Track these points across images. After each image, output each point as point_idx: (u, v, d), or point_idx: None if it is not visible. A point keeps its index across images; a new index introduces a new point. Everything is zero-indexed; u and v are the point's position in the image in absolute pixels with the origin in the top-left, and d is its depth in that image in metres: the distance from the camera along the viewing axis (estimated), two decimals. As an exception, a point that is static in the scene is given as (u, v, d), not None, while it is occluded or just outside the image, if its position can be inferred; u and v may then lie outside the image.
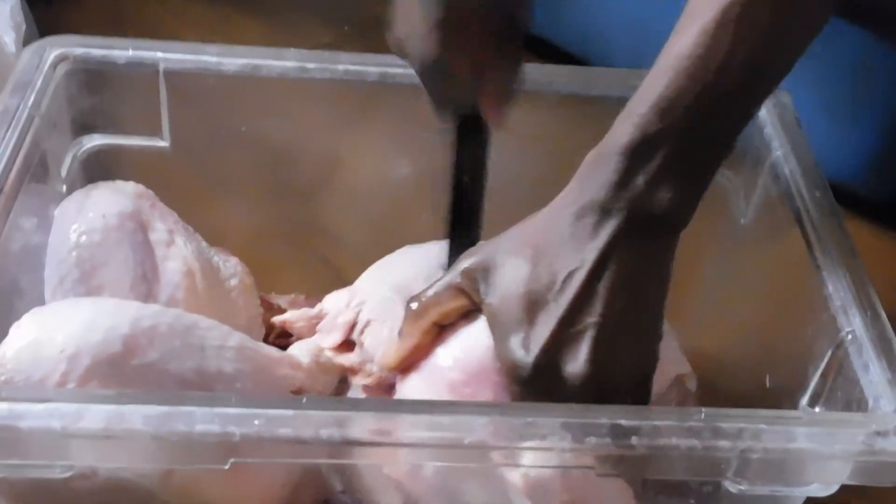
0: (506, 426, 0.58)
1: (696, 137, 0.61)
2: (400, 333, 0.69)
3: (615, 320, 0.62)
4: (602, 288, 0.62)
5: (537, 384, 0.63)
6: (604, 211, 0.62)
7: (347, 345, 0.73)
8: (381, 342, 0.71)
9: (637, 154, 0.61)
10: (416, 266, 0.76)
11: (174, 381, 0.62)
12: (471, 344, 0.67)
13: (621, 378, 0.63)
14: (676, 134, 0.61)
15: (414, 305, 0.68)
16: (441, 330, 0.68)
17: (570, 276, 0.62)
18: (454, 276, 0.67)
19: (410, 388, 0.68)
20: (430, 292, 0.68)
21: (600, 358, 0.62)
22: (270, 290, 0.87)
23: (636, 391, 0.64)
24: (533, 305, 0.63)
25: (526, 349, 0.62)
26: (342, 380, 0.74)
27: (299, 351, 0.73)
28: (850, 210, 1.10)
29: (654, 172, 0.61)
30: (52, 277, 0.72)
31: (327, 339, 0.73)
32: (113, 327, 0.61)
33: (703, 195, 0.64)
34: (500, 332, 0.64)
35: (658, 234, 0.63)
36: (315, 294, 0.82)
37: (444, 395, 0.66)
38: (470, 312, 0.67)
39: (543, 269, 0.63)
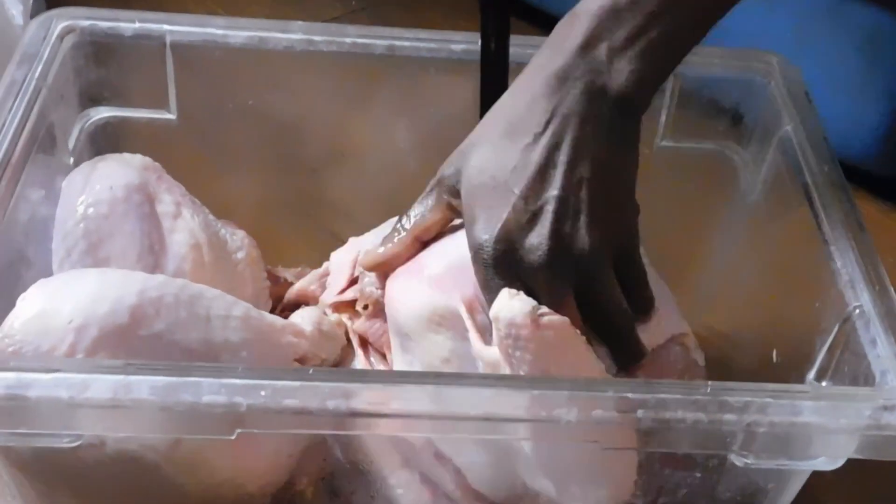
0: (511, 399, 0.58)
1: (664, 18, 0.62)
2: (383, 241, 0.70)
3: (577, 192, 0.62)
4: (561, 158, 0.62)
5: (500, 264, 0.62)
6: (562, 78, 0.62)
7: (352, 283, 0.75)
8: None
9: (603, 22, 0.62)
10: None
11: (181, 351, 0.62)
12: (452, 243, 0.68)
13: (598, 252, 0.62)
14: (644, 10, 0.62)
15: (401, 221, 0.69)
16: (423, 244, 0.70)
17: (527, 148, 0.62)
18: (433, 188, 0.68)
19: (395, 286, 0.69)
20: (414, 209, 0.69)
21: (564, 231, 0.61)
22: (277, 264, 0.87)
23: (621, 266, 0.64)
24: (498, 186, 0.63)
25: (488, 231, 0.62)
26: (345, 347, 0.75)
27: (301, 319, 0.73)
28: (858, 185, 1.10)
29: (617, 44, 0.62)
30: (60, 249, 0.72)
31: (334, 286, 0.74)
32: (120, 298, 0.61)
33: (662, 82, 0.66)
34: (469, 221, 0.64)
35: (618, 111, 0.63)
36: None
37: (425, 291, 0.67)
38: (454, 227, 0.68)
39: (507, 149, 0.63)
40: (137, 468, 0.62)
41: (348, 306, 0.75)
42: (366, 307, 0.73)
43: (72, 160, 0.78)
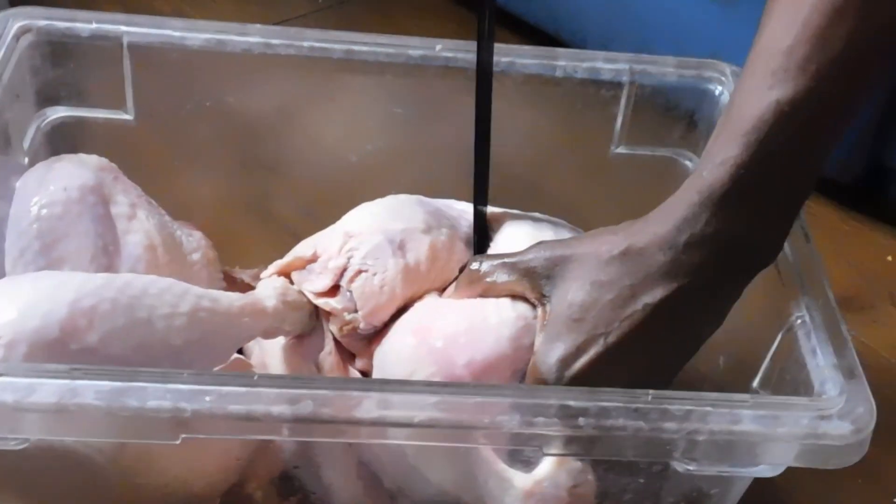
0: (455, 405, 0.59)
1: (788, 183, 0.63)
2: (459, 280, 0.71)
3: (653, 367, 0.65)
4: (652, 335, 0.64)
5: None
6: (670, 263, 0.63)
7: (333, 288, 0.73)
8: (371, 295, 0.71)
9: (727, 202, 0.62)
10: (415, 218, 0.75)
11: (116, 363, 0.61)
12: (468, 310, 0.69)
13: None
14: (768, 181, 0.62)
15: (474, 270, 0.70)
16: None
17: (628, 318, 0.64)
18: (520, 263, 0.68)
19: (395, 340, 0.70)
20: (492, 268, 0.69)
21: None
22: (235, 264, 0.87)
23: None
24: (589, 330, 0.65)
25: (565, 366, 0.65)
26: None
27: (265, 290, 0.72)
28: (816, 192, 1.12)
29: (739, 221, 0.63)
30: (13, 249, 0.72)
31: (316, 282, 0.72)
32: (50, 312, 0.61)
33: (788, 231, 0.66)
34: (548, 335, 0.66)
35: (736, 278, 0.65)
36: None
37: (424, 358, 0.67)
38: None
39: (609, 301, 0.64)
40: (85, 470, 0.62)
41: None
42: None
43: (27, 160, 0.78)
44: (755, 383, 0.71)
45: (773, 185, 0.62)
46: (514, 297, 0.69)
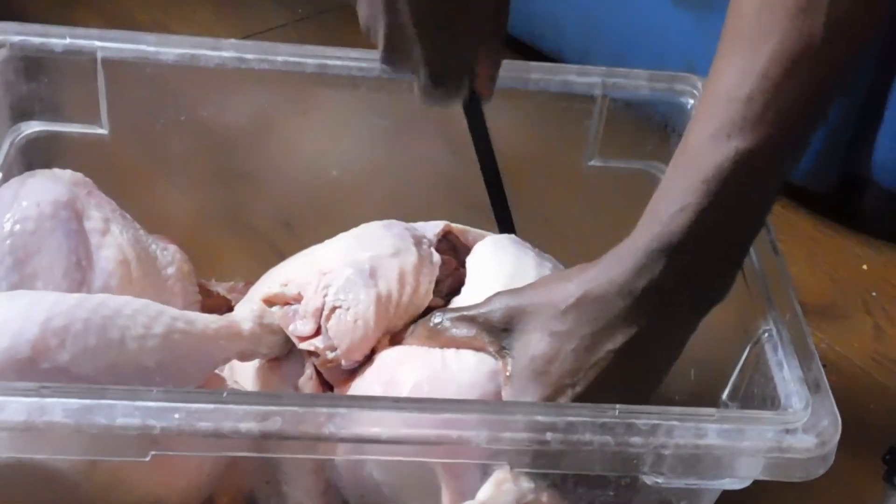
0: (423, 421, 0.59)
1: (743, 225, 0.64)
2: (413, 328, 0.71)
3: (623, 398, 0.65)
4: (618, 378, 0.65)
5: None
6: (629, 308, 0.63)
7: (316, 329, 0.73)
8: (346, 332, 0.71)
9: (664, 254, 0.63)
10: (383, 244, 0.75)
11: (87, 383, 0.61)
12: (428, 360, 0.69)
13: None
14: (725, 226, 0.62)
15: (435, 324, 0.70)
16: None
17: (593, 366, 0.64)
18: (478, 317, 0.68)
19: (362, 387, 0.70)
20: (451, 323, 0.69)
21: None
22: (212, 277, 0.87)
23: None
24: (555, 382, 0.65)
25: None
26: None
27: (241, 313, 0.73)
28: (790, 201, 1.13)
29: (675, 274, 0.63)
30: (-14, 265, 0.73)
31: (301, 327, 0.72)
32: (21, 331, 0.61)
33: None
34: (515, 390, 0.66)
35: (693, 315, 0.66)
36: (257, 280, 0.83)
37: None
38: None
39: (571, 351, 0.64)
40: (57, 488, 0.62)
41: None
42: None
43: (1, 175, 0.79)
44: (724, 396, 0.71)
45: (730, 229, 0.63)
46: None
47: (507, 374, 0.66)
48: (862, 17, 0.59)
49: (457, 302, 0.74)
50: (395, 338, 0.73)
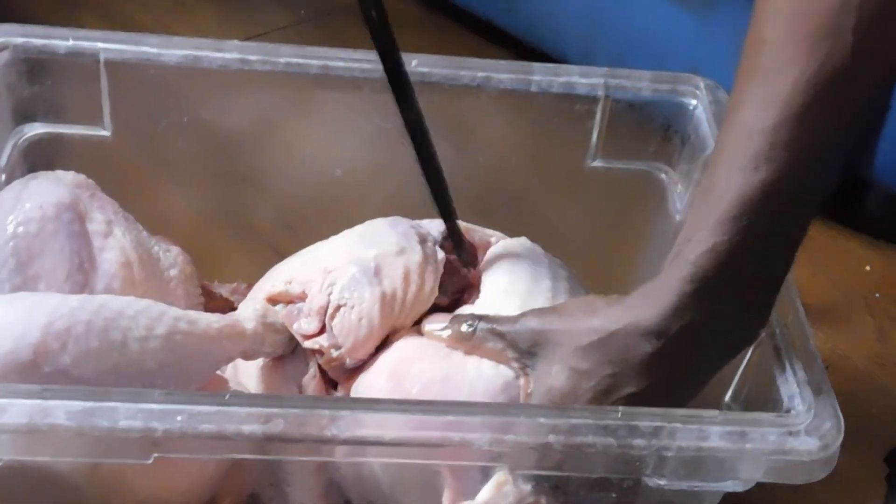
0: (427, 423, 0.59)
1: (775, 261, 0.62)
2: (451, 323, 0.70)
3: None
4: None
5: None
6: (654, 354, 0.62)
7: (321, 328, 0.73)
8: (350, 330, 0.71)
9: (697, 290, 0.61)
10: (387, 242, 0.75)
11: (89, 386, 0.61)
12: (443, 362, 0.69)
13: None
14: (757, 264, 0.61)
15: (466, 332, 0.69)
16: None
17: (623, 399, 0.63)
18: (507, 334, 0.68)
19: (372, 381, 0.70)
20: (483, 334, 0.69)
21: None
22: (214, 278, 0.87)
23: None
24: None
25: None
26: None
27: (244, 312, 0.72)
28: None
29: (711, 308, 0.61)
30: (-11, 267, 0.73)
31: (305, 326, 0.72)
32: (23, 335, 0.61)
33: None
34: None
35: (721, 360, 0.64)
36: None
37: None
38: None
39: (590, 389, 0.64)
40: (60, 490, 0.62)
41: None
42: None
43: (3, 177, 0.79)
44: (727, 397, 0.71)
45: (762, 266, 0.61)
46: None
47: (528, 393, 0.66)
48: (891, 37, 0.57)
49: (471, 308, 0.74)
50: (399, 335, 0.73)
